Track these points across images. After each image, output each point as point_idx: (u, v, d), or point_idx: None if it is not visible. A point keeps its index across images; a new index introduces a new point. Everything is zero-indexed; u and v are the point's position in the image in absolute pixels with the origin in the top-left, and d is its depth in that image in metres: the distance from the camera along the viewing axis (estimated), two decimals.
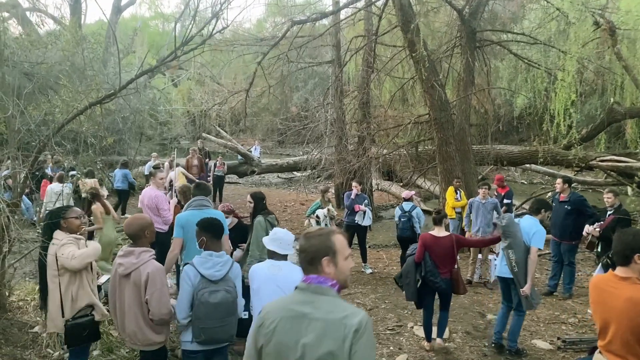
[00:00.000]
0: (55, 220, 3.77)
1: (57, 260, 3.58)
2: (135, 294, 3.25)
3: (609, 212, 6.64)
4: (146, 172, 13.07)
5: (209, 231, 3.48)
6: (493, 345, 5.54)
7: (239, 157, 19.23)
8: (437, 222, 5.49)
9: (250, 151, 19.64)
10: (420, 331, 5.98)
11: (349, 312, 1.80)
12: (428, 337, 5.52)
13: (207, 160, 14.34)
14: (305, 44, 11.65)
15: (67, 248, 3.61)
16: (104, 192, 10.19)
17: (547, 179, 19.42)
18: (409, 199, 8.39)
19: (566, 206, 7.03)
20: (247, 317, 4.68)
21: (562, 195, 7.19)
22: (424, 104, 11.08)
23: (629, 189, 13.61)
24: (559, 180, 7.28)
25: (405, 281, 5.45)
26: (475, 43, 11.19)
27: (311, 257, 1.96)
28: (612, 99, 13.40)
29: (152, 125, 18.13)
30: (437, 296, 5.49)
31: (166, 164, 12.99)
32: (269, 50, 10.64)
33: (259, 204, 5.41)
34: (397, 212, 8.33)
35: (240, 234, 5.57)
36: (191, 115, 26.32)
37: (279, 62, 11.91)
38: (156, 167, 6.27)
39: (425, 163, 13.29)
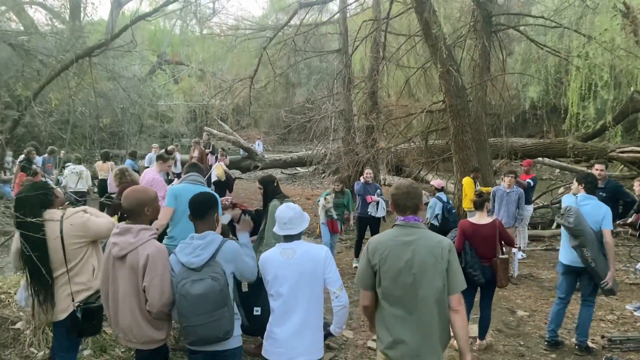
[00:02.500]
0: (46, 193, 3.16)
1: (62, 239, 3.01)
2: (132, 281, 2.70)
3: None
4: (146, 164, 12.52)
5: (190, 209, 2.92)
6: (547, 343, 5.01)
7: (242, 151, 18.71)
8: (479, 206, 4.87)
9: (253, 146, 19.13)
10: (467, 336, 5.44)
11: (440, 238, 2.65)
12: None
13: (210, 152, 13.76)
14: (313, 29, 11.10)
15: (83, 215, 3.10)
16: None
17: (556, 175, 18.88)
18: (442, 189, 7.82)
19: (602, 193, 6.44)
20: (259, 313, 4.12)
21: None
22: (439, 90, 10.55)
23: None
24: (599, 166, 6.68)
25: None
26: (491, 27, 10.65)
27: (406, 205, 2.68)
28: (632, 88, 12.84)
29: (151, 116, 17.57)
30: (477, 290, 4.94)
31: None
32: (275, 34, 10.14)
33: (269, 188, 4.87)
34: (435, 203, 7.57)
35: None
36: (192, 111, 25.82)
37: (285, 49, 11.39)
38: (169, 153, 5.71)
39: (436, 156, 12.73)
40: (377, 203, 8.01)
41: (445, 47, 9.41)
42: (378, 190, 8.17)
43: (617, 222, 6.12)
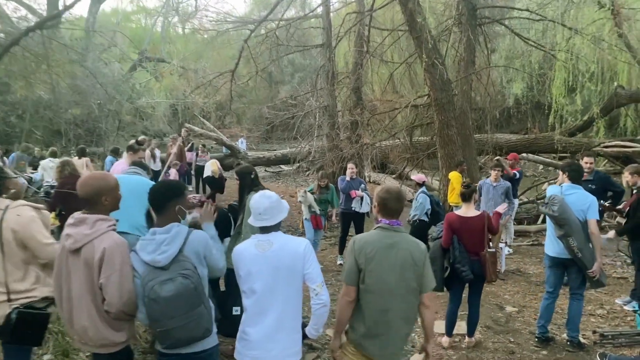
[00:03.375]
0: None
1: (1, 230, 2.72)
2: (87, 277, 2.41)
3: (634, 191, 5.95)
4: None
5: (149, 200, 2.65)
6: (537, 339, 4.84)
7: (224, 149, 18.37)
8: (467, 197, 4.63)
9: (236, 144, 18.81)
10: (434, 326, 5.23)
11: (417, 241, 2.86)
12: (448, 331, 4.76)
13: (189, 149, 13.40)
14: (295, 21, 10.84)
15: (37, 224, 2.81)
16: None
17: (540, 171, 18.89)
18: (424, 183, 7.65)
19: (590, 185, 6.30)
20: (238, 313, 3.84)
21: (584, 173, 6.48)
22: (424, 84, 10.37)
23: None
24: (587, 159, 6.53)
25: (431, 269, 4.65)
26: (476, 20, 10.51)
27: (396, 209, 2.84)
28: (615, 83, 12.82)
29: (130, 113, 17.13)
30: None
31: (147, 152, 12.11)
32: (256, 26, 9.85)
33: (246, 180, 4.59)
34: (425, 199, 7.40)
35: (220, 224, 4.60)
36: (174, 108, 25.38)
37: (267, 43, 11.11)
38: (140, 143, 5.32)
39: (420, 152, 12.55)
40: (362, 198, 7.79)
41: (430, 37, 9.25)
42: (362, 185, 7.95)
43: (605, 204, 5.97)
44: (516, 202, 8.65)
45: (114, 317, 2.45)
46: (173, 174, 11.40)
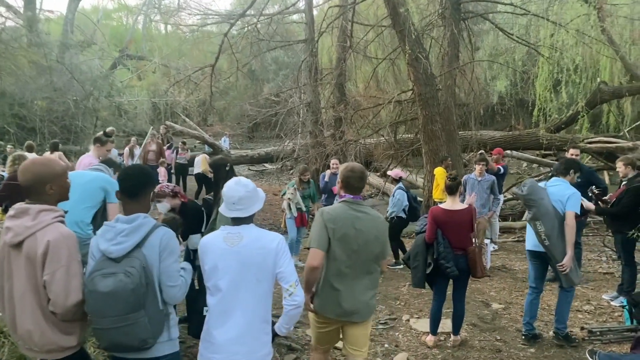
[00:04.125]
0: None
1: None
2: (30, 274, 2.15)
3: (622, 183, 5.85)
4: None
5: (121, 185, 2.41)
6: (524, 337, 4.67)
7: (206, 147, 18.05)
8: (453, 190, 4.41)
9: (219, 143, 18.49)
10: (418, 324, 5.05)
11: (378, 214, 3.21)
12: (433, 330, 4.56)
13: (168, 147, 13.06)
14: (276, 14, 10.60)
15: None
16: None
17: (523, 169, 18.93)
18: (401, 179, 7.52)
19: (576, 179, 6.21)
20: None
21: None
22: (408, 79, 10.22)
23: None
24: (573, 151, 6.43)
25: (413, 264, 4.45)
26: (460, 15, 10.39)
27: (358, 187, 3.04)
28: (598, 79, 12.83)
29: (112, 113, 16.69)
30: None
31: (126, 149, 11.79)
32: (236, 19, 9.60)
33: (221, 172, 4.38)
34: (402, 195, 7.26)
35: (192, 218, 4.32)
36: (156, 107, 24.91)
37: (248, 37, 10.85)
38: (108, 135, 4.97)
39: (404, 150, 12.39)
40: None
41: (414, 32, 9.09)
42: None
43: (595, 190, 5.84)
44: (501, 197, 8.51)
45: (61, 318, 2.19)
46: (162, 173, 11.09)
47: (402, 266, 7.29)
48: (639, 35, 13.45)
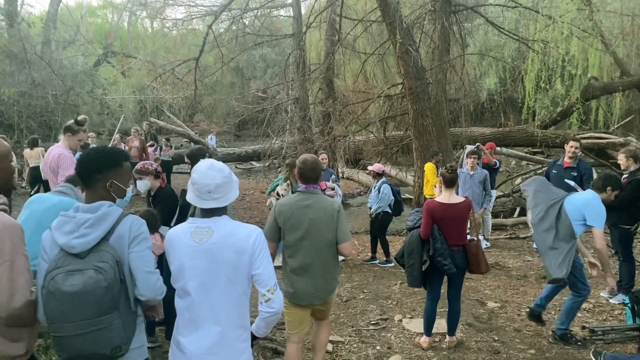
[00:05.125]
0: None
1: None
2: None
3: (624, 176, 5.64)
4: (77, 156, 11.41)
5: (75, 170, 2.11)
6: (525, 313, 4.64)
7: (192, 145, 17.69)
8: (450, 183, 4.13)
9: (206, 140, 18.14)
10: (411, 325, 4.80)
11: (331, 201, 3.32)
12: (427, 331, 4.31)
13: (150, 145, 12.68)
14: (262, 6, 10.30)
15: None
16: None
17: (512, 166, 18.83)
18: (383, 173, 7.30)
19: (572, 173, 6.01)
20: None
21: (567, 160, 6.16)
22: (397, 72, 9.98)
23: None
24: (573, 143, 6.22)
25: (408, 262, 4.17)
26: (451, 7, 10.18)
27: (311, 177, 3.23)
28: (589, 75, 12.71)
29: (93, 108, 16.22)
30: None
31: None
32: (221, 10, 9.26)
33: (197, 162, 4.02)
34: (388, 190, 7.05)
35: (164, 205, 4.01)
36: (142, 106, 24.42)
37: (234, 30, 10.53)
38: (80, 123, 4.59)
39: (394, 147, 12.15)
40: (333, 190, 7.27)
41: (404, 24, 8.86)
42: (333, 177, 7.44)
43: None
44: (494, 193, 8.30)
45: (5, 323, 1.89)
46: None
47: (392, 264, 7.05)
48: (629, 31, 13.38)
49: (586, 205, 4.04)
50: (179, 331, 2.12)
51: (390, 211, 7.13)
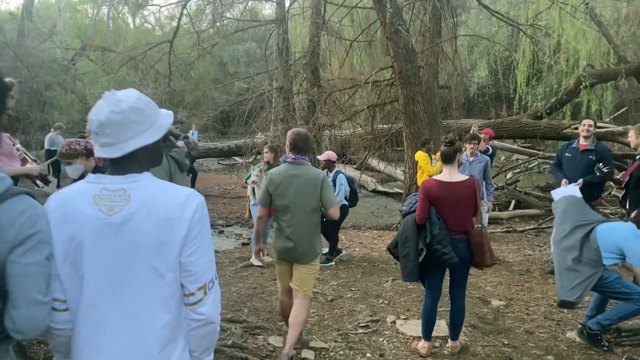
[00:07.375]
0: None
1: None
2: None
3: (637, 157, 5.05)
4: (46, 146, 10.59)
5: None
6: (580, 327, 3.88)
7: (172, 138, 16.94)
8: (450, 158, 3.48)
9: (187, 136, 17.38)
10: (406, 327, 4.13)
11: (318, 171, 3.57)
12: (426, 334, 3.63)
13: None
14: None
15: None
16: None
17: (502, 161, 18.37)
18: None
19: (590, 156, 5.38)
20: None
21: (583, 143, 5.53)
22: (387, 54, 9.37)
23: None
24: (587, 122, 5.62)
25: (402, 252, 3.52)
26: None
27: (302, 148, 3.45)
28: (584, 62, 12.22)
29: (71, 105, 15.39)
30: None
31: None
32: None
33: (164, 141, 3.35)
34: (343, 179, 6.34)
35: None
36: None
37: (209, 12, 9.82)
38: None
39: (382, 138, 11.50)
40: None
41: (393, 3, 8.24)
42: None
43: (604, 169, 5.10)
44: (492, 182, 7.68)
45: None
46: None
47: (333, 263, 6.36)
48: (626, 17, 12.92)
49: (626, 241, 3.42)
50: (75, 347, 1.38)
51: (347, 203, 6.43)
